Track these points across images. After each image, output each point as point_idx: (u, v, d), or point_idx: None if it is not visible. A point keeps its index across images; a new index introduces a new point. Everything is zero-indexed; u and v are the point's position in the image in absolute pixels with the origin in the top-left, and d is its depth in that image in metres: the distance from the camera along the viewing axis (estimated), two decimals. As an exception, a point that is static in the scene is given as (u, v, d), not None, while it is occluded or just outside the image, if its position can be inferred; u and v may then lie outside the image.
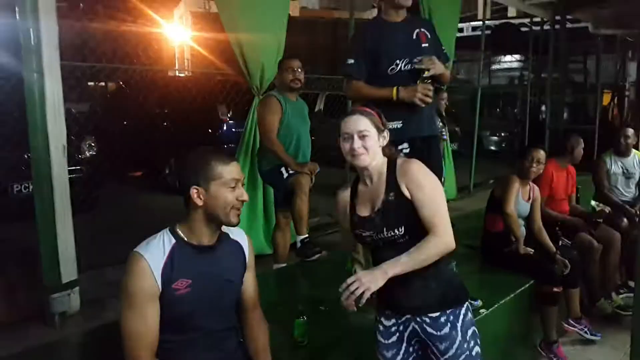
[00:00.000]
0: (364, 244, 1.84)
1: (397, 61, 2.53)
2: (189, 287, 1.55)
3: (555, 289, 3.01)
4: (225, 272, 1.67)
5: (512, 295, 2.88)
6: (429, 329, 1.74)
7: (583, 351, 3.26)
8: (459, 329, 1.73)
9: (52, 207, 2.89)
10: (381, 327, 1.84)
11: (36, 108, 2.82)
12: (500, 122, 11.88)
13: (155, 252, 1.53)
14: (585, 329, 3.28)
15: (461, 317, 1.75)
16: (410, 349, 1.82)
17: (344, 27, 7.21)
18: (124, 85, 7.28)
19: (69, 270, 2.98)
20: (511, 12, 16.68)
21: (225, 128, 6.33)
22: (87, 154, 5.22)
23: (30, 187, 4.39)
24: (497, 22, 13.25)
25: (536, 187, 3.31)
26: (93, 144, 5.31)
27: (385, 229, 1.71)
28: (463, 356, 1.73)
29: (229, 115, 6.34)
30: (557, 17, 8.55)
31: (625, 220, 3.94)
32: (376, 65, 2.56)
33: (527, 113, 8.78)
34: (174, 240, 1.57)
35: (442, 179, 2.97)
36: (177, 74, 9.17)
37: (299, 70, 3.43)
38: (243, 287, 1.75)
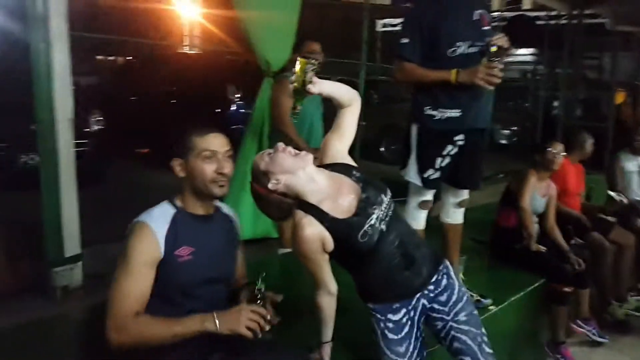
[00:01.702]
0: (371, 246, 1.65)
1: (458, 43, 2.29)
2: (191, 255, 1.54)
3: (565, 289, 2.97)
4: (223, 243, 1.67)
5: (521, 293, 2.83)
6: (433, 294, 1.77)
7: (590, 353, 3.22)
8: (452, 276, 1.81)
9: (57, 180, 2.83)
10: (391, 325, 1.76)
11: (43, 79, 2.74)
12: (511, 115, 11.74)
13: (158, 219, 1.53)
14: (594, 331, 3.23)
15: (449, 267, 1.84)
16: (418, 333, 1.79)
17: (356, 10, 7.07)
18: (133, 60, 7.19)
19: (72, 244, 2.93)
20: (526, 3, 16.49)
21: (233, 108, 6.25)
22: (95, 127, 5.18)
23: (37, 158, 4.35)
24: (511, 14, 13.05)
25: (552, 184, 3.24)
26: (100, 118, 5.27)
27: (383, 196, 1.70)
28: (465, 298, 1.79)
29: (237, 96, 6.25)
30: (575, 12, 8.38)
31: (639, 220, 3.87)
32: (433, 47, 2.31)
33: (540, 108, 8.66)
34: (174, 210, 1.57)
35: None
36: (186, 51, 9.04)
37: (321, 53, 3.34)
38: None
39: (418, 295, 1.75)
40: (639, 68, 11.18)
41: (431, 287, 1.76)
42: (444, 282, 1.77)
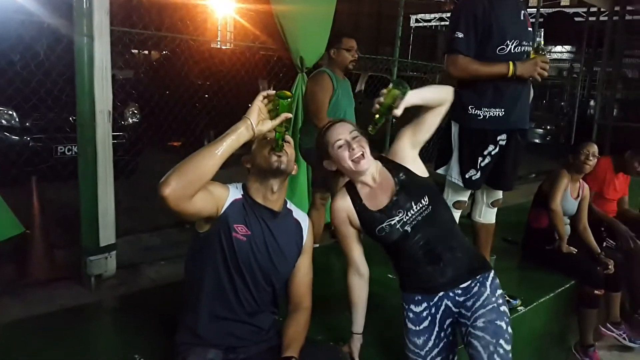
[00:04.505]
0: (391, 241, 1.73)
1: (508, 42, 2.27)
2: (245, 237, 1.59)
3: (596, 291, 2.91)
4: (282, 244, 1.67)
5: (551, 294, 2.79)
6: (461, 298, 1.75)
7: (619, 357, 3.16)
8: (487, 286, 1.75)
9: (95, 171, 2.91)
10: (411, 315, 1.80)
11: (84, 72, 2.83)
12: (546, 114, 11.51)
13: (233, 188, 1.63)
14: (624, 335, 3.17)
15: (490, 279, 1.77)
16: (442, 334, 1.79)
17: (390, 6, 7.02)
18: (169, 55, 7.31)
19: (107, 234, 3.01)
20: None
21: (265, 103, 6.30)
22: (130, 120, 5.26)
23: (74, 149, 4.46)
24: (549, 10, 12.77)
25: (586, 185, 3.18)
26: (136, 111, 5.35)
27: (413, 203, 1.71)
28: (489, 306, 1.71)
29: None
30: (617, 8, 8.15)
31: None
32: (484, 44, 2.28)
33: (576, 107, 8.47)
34: (243, 192, 1.65)
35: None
36: (220, 46, 9.15)
37: (357, 49, 3.35)
38: (294, 273, 1.74)
39: (441, 294, 1.76)
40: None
41: (459, 292, 1.75)
42: (475, 290, 1.75)
